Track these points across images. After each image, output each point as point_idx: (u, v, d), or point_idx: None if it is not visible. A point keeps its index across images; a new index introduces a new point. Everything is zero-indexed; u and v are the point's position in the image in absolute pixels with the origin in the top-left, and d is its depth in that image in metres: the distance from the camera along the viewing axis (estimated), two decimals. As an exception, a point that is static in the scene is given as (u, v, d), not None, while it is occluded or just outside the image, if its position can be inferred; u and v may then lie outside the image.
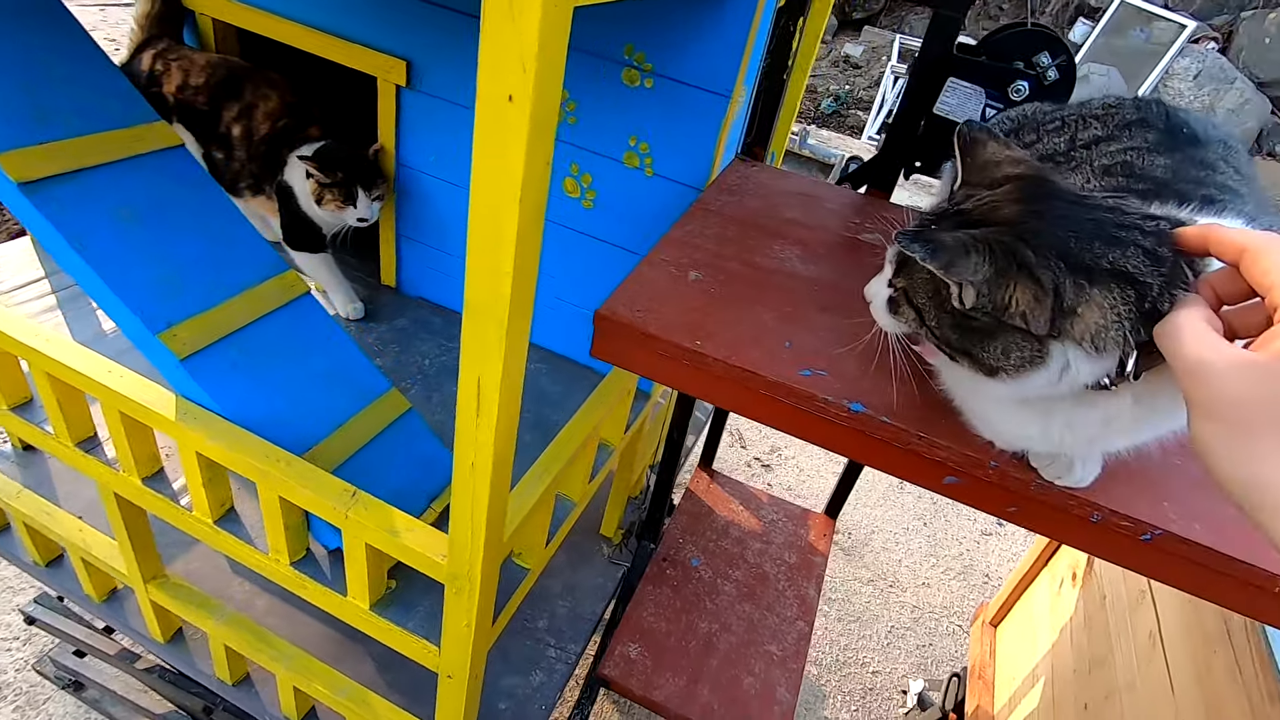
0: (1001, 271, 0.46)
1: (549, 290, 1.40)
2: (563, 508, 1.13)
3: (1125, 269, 0.45)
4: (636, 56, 1.11)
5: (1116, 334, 0.45)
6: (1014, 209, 0.49)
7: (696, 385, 0.67)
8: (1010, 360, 0.48)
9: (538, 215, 0.55)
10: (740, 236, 0.87)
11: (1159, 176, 0.55)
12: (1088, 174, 0.58)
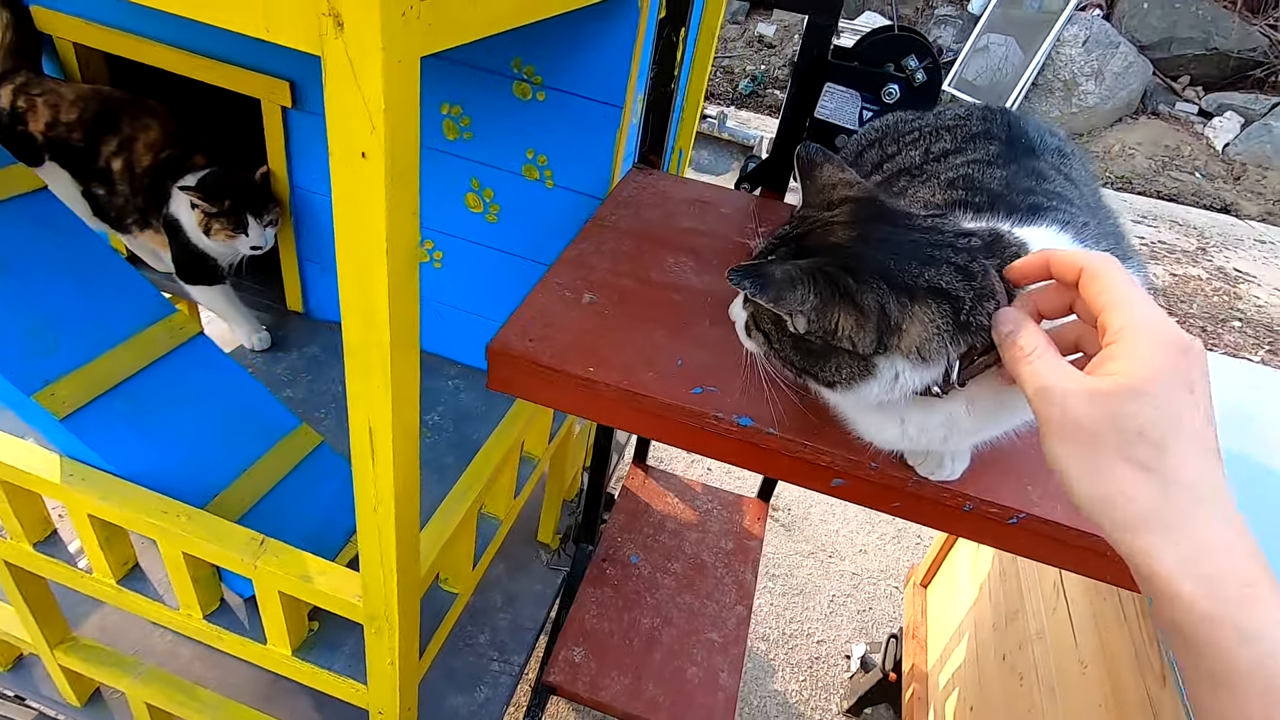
0: (826, 300, 0.49)
1: (460, 305, 1.39)
2: (489, 526, 1.14)
3: (940, 286, 0.48)
4: (526, 70, 1.11)
5: (939, 345, 0.49)
6: (843, 233, 0.52)
7: (593, 410, 0.68)
8: (842, 376, 0.51)
9: (410, 262, 0.55)
10: (635, 251, 0.88)
11: (994, 189, 0.59)
12: (934, 187, 0.62)
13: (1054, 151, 0.64)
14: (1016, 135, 0.65)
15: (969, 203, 0.59)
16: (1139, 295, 0.42)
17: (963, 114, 0.69)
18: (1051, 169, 0.62)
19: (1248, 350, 4.00)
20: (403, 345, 0.57)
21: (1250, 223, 5.57)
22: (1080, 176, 0.64)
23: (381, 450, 0.62)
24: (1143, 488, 0.39)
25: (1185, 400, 0.39)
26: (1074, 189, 0.62)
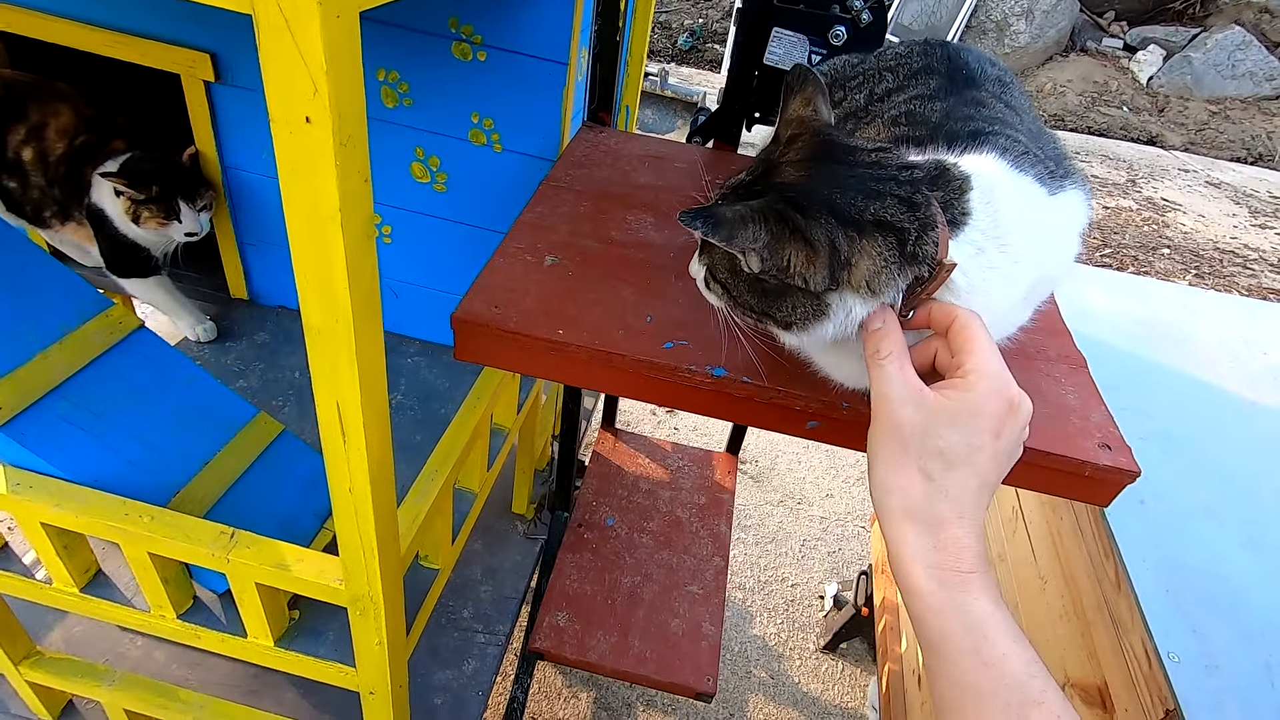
0: (777, 237, 0.49)
1: (415, 280, 1.36)
2: (465, 500, 1.13)
3: (885, 219, 0.49)
4: (464, 29, 1.06)
5: (887, 277, 0.50)
6: (793, 172, 0.52)
7: (566, 373, 0.68)
8: (798, 316, 0.52)
9: (366, 232, 0.53)
10: (593, 211, 0.87)
11: (935, 120, 0.60)
12: (879, 126, 0.62)
13: (994, 80, 0.65)
14: (957, 67, 0.65)
15: (911, 137, 0.59)
16: (994, 353, 0.49)
17: (903, 51, 0.69)
18: (991, 97, 0.63)
19: (1176, 275, 4.20)
20: (365, 320, 0.56)
21: (1175, 153, 5.79)
22: (1020, 104, 0.65)
23: (352, 430, 0.61)
24: (919, 490, 0.48)
25: (987, 442, 0.48)
26: (1014, 115, 0.63)
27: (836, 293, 0.51)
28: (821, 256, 0.50)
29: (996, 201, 0.54)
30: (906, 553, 0.47)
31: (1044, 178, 0.58)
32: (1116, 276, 1.74)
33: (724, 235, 0.49)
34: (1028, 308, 0.61)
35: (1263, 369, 1.42)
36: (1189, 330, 1.50)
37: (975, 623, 0.44)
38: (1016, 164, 0.57)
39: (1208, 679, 0.86)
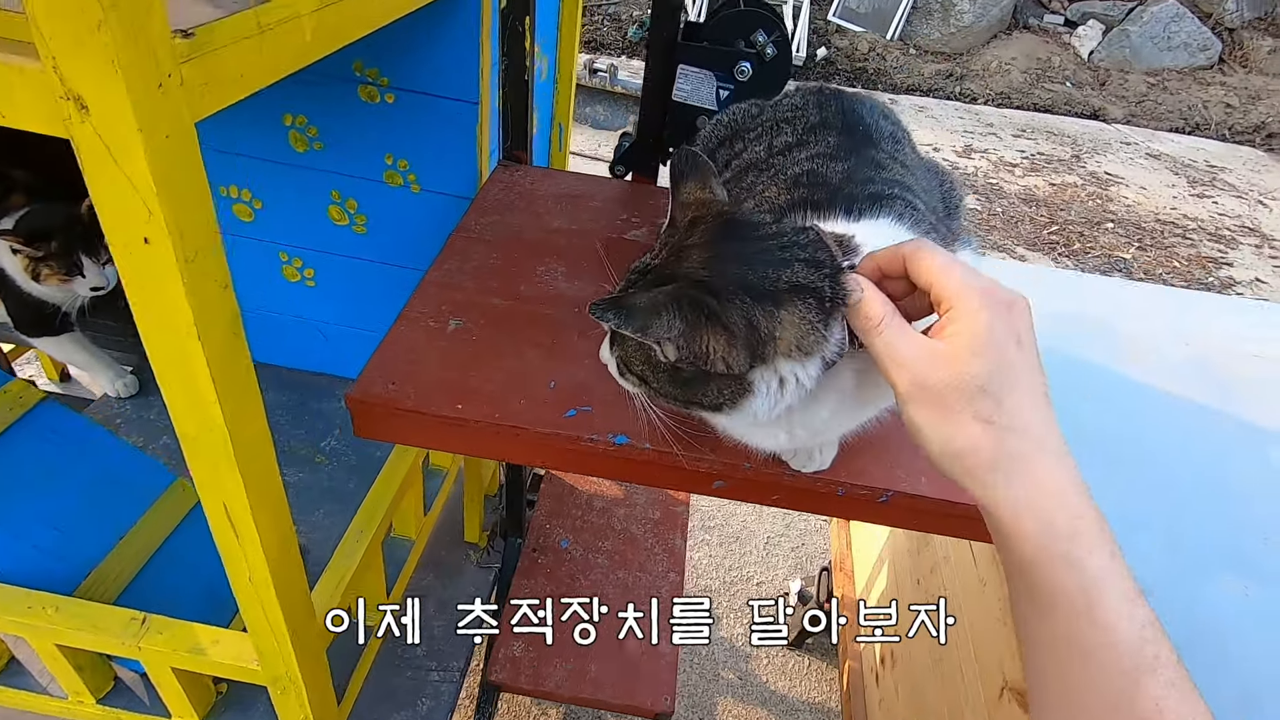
0: (692, 324, 0.48)
1: (343, 321, 1.33)
2: (402, 549, 1.12)
3: (799, 282, 0.49)
4: (369, 72, 1.03)
5: (815, 335, 0.49)
6: (700, 255, 0.51)
7: (467, 447, 0.67)
8: (725, 397, 0.52)
9: (231, 335, 0.52)
10: (504, 264, 0.86)
11: (835, 183, 0.60)
12: (779, 185, 0.62)
13: (889, 138, 0.65)
14: (853, 123, 0.66)
15: (811, 200, 0.59)
16: (958, 265, 0.45)
17: (799, 103, 0.69)
18: (888, 157, 0.63)
19: (1120, 249, 4.30)
20: (243, 421, 0.54)
21: (1116, 126, 5.92)
22: (913, 161, 0.65)
23: (243, 527, 0.59)
24: (985, 439, 0.42)
25: (1015, 352, 0.43)
26: (910, 175, 0.63)
27: (762, 368, 0.51)
28: (740, 338, 0.49)
29: None
30: (1006, 512, 0.42)
31: (939, 241, 0.58)
32: (1049, 273, 1.78)
33: (638, 326, 0.49)
34: None
35: (1183, 360, 1.46)
36: (1116, 325, 1.54)
37: (1091, 581, 0.40)
38: (912, 229, 0.57)
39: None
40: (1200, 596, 1.00)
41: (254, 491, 0.57)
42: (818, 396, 0.53)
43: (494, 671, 1.44)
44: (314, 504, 1.17)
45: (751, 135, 0.70)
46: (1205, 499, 1.16)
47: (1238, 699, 0.89)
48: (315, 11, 0.56)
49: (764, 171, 0.65)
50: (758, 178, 0.65)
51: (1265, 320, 1.59)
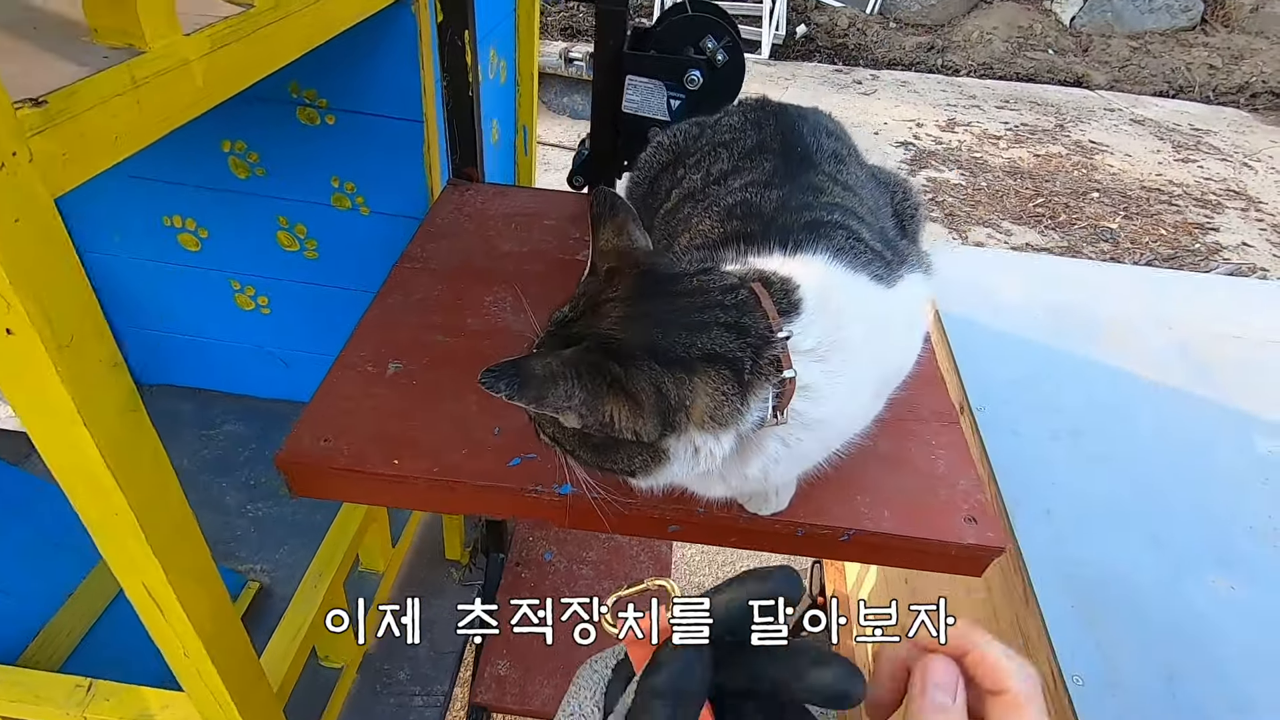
0: (594, 393, 0.45)
1: (302, 348, 1.29)
2: (370, 583, 1.09)
3: (715, 351, 0.46)
4: (307, 94, 0.99)
5: (730, 409, 0.46)
6: (614, 312, 0.48)
7: (408, 501, 0.64)
8: (637, 465, 0.49)
9: (127, 412, 0.48)
10: (449, 296, 0.82)
11: (769, 213, 0.56)
12: (713, 218, 0.58)
13: (830, 157, 0.62)
14: (791, 144, 0.62)
15: (745, 234, 0.56)
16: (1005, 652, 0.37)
17: (736, 123, 0.65)
18: (828, 179, 0.60)
19: (1106, 219, 4.27)
20: (151, 499, 0.51)
21: (1100, 92, 5.86)
22: (856, 179, 0.62)
23: (168, 604, 0.56)
24: None
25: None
26: (851, 196, 0.60)
27: (676, 436, 0.48)
28: (647, 407, 0.46)
29: (831, 304, 0.51)
30: None
31: (880, 273, 0.55)
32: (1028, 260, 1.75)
33: (532, 396, 0.45)
34: (878, 403, 0.59)
35: (1167, 345, 1.44)
36: (1097, 311, 1.51)
37: None
38: (851, 264, 0.54)
39: (1110, 698, 0.87)
40: (1186, 596, 0.98)
41: (174, 569, 0.54)
42: (745, 457, 0.50)
43: (479, 693, 1.42)
44: (279, 540, 1.14)
45: (691, 160, 0.66)
46: (1189, 490, 1.14)
47: (1229, 704, 0.87)
48: (206, 55, 0.51)
49: (699, 202, 0.62)
50: (693, 209, 0.61)
51: (1243, 299, 1.57)
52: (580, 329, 0.48)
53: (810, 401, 0.49)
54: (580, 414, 0.47)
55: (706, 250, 0.57)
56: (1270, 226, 4.19)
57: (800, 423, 0.49)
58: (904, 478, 0.67)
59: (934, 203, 4.31)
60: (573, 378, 0.45)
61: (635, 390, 0.46)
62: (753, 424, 0.47)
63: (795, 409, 0.49)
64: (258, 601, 1.04)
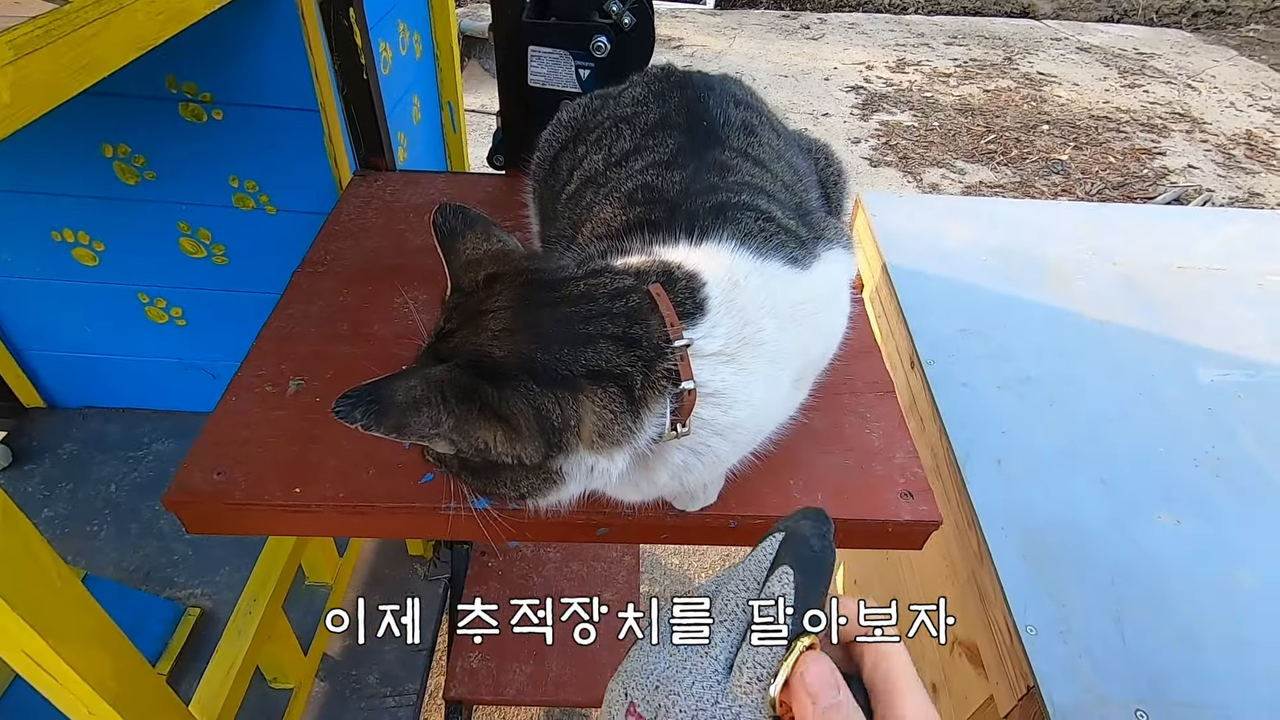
0: (463, 418, 0.41)
1: (228, 358, 1.23)
2: (320, 597, 1.05)
3: (601, 367, 0.42)
4: (186, 88, 0.91)
5: (621, 428, 0.43)
6: (491, 325, 0.44)
7: (314, 529, 0.60)
8: (526, 488, 0.45)
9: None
10: (355, 300, 0.77)
11: (673, 197, 0.52)
12: (615, 204, 0.54)
13: (739, 129, 0.57)
14: (697, 116, 0.57)
15: (648, 220, 0.52)
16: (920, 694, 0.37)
17: (640, 95, 0.61)
18: (736, 155, 0.55)
19: (1057, 151, 4.28)
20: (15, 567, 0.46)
21: (1046, 22, 5.83)
22: (768, 151, 0.58)
23: (59, 670, 0.52)
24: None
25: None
26: (762, 171, 0.56)
27: (564, 456, 0.44)
28: (526, 431, 0.42)
29: (740, 298, 0.47)
30: None
31: (795, 255, 0.51)
32: (972, 203, 1.73)
33: (391, 425, 0.41)
34: (801, 393, 0.56)
35: (1111, 279, 1.43)
36: (1041, 251, 1.50)
37: None
38: (761, 249, 0.50)
39: (1062, 645, 0.87)
40: (1134, 536, 0.99)
41: (57, 634, 0.50)
42: (651, 468, 0.47)
43: (453, 687, 1.40)
44: (219, 560, 1.10)
45: (593, 138, 0.61)
46: (1135, 429, 1.15)
47: (1178, 636, 0.89)
48: (10, 64, 0.45)
49: (601, 187, 0.57)
50: (595, 195, 0.57)
51: (1184, 228, 1.57)
52: (457, 343, 0.44)
53: (719, 408, 0.46)
54: (451, 440, 0.43)
55: (610, 240, 0.53)
56: (1215, 147, 4.24)
57: (710, 430, 0.46)
58: (838, 456, 0.65)
59: (888, 147, 4.28)
60: (438, 403, 0.41)
61: (510, 414, 0.42)
62: (649, 440, 0.44)
63: (702, 417, 0.46)
64: (200, 628, 1.00)
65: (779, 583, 0.35)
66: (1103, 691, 0.82)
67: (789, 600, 0.35)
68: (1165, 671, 0.84)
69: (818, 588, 0.36)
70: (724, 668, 0.35)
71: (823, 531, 0.37)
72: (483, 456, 0.43)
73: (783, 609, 0.35)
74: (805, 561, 0.36)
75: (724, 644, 0.36)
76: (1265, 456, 1.09)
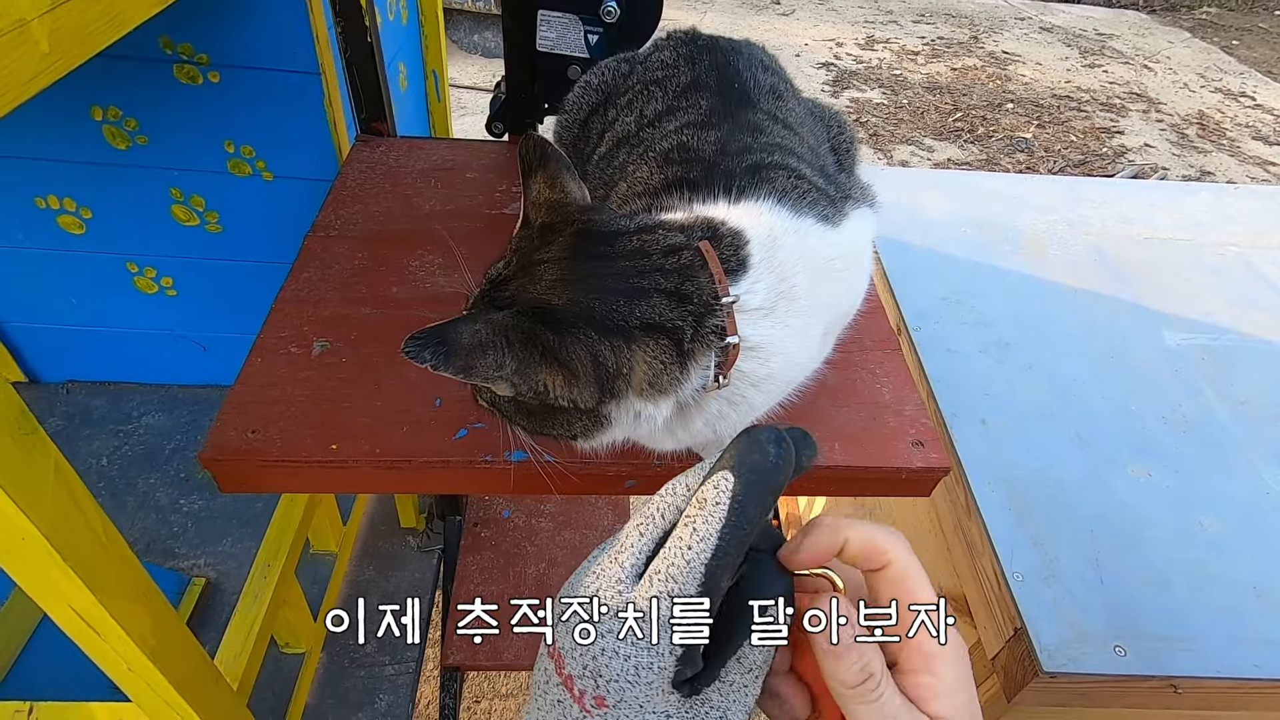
0: (525, 362, 0.43)
1: (221, 329, 1.21)
2: (325, 566, 1.06)
3: (654, 320, 0.44)
4: (182, 49, 0.89)
5: (669, 378, 0.45)
6: (548, 275, 0.46)
7: (350, 486, 0.61)
8: (578, 430, 0.47)
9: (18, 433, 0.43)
10: (371, 263, 0.77)
11: (709, 156, 0.54)
12: (651, 164, 0.56)
13: (769, 93, 0.59)
14: (728, 79, 0.59)
15: (686, 179, 0.53)
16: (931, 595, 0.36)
17: (669, 59, 0.62)
18: (767, 118, 0.57)
19: (1021, 129, 4.38)
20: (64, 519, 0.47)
21: (1011, 2, 5.92)
22: (796, 116, 0.60)
23: (103, 624, 0.53)
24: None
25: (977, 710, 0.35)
26: (791, 134, 0.58)
27: (615, 402, 0.46)
28: (583, 376, 0.44)
29: (778, 255, 0.50)
30: None
31: (826, 213, 0.54)
32: (949, 176, 1.78)
33: (459, 366, 0.43)
34: (827, 345, 0.58)
35: (1084, 250, 1.50)
36: (1017, 222, 1.56)
37: None
38: (795, 207, 0.52)
39: (1046, 589, 0.93)
40: (1110, 487, 1.06)
41: (102, 589, 0.50)
42: (689, 416, 0.49)
43: (450, 654, 1.42)
44: (220, 531, 1.09)
45: (623, 101, 0.62)
46: (1108, 388, 1.21)
47: (1149, 580, 0.95)
48: (49, 13, 0.44)
49: (635, 147, 0.59)
50: (629, 155, 0.58)
51: (1149, 200, 1.64)
52: (514, 291, 0.46)
53: (757, 360, 0.48)
54: (512, 383, 0.45)
55: (647, 198, 0.55)
56: (1170, 126, 4.38)
57: (748, 382, 0.49)
58: (852, 409, 0.68)
59: (859, 123, 4.33)
60: (503, 346, 0.43)
61: (570, 359, 0.44)
62: (694, 390, 0.46)
63: (741, 369, 0.48)
64: (205, 597, 1.00)
65: (713, 488, 0.30)
66: (1084, 629, 0.87)
67: (721, 510, 0.30)
68: (1140, 609, 0.90)
69: (762, 502, 0.31)
70: (631, 575, 0.32)
71: (782, 440, 0.32)
72: (540, 399, 0.45)
73: (712, 516, 0.30)
74: (752, 469, 0.31)
75: (634, 549, 0.32)
76: (1226, 413, 1.16)
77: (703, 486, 0.31)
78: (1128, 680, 0.83)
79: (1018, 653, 0.88)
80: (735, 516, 0.30)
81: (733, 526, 0.30)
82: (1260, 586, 0.91)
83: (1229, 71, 5.03)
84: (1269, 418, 1.13)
